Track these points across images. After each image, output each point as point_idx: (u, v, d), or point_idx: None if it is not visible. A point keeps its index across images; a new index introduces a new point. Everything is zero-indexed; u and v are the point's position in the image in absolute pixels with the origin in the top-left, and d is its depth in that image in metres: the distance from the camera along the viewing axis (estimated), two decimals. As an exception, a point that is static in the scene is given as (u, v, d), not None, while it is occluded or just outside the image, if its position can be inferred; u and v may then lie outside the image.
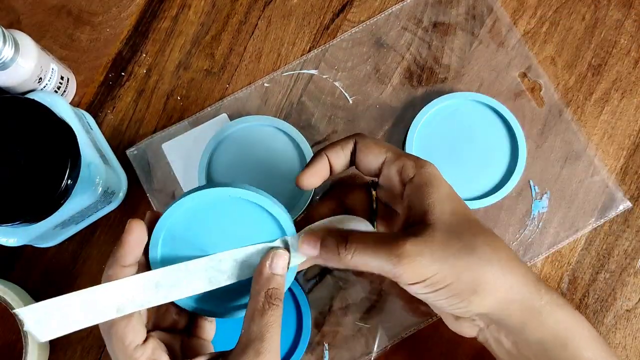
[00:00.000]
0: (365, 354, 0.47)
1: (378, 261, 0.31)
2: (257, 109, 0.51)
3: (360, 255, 0.31)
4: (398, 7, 0.53)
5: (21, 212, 0.37)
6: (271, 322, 0.31)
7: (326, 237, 0.33)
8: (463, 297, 0.32)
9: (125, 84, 0.51)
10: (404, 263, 0.30)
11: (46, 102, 0.41)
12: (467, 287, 0.31)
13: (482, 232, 0.33)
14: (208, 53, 0.52)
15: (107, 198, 0.45)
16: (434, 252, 0.31)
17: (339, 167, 0.37)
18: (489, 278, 0.32)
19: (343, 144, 0.37)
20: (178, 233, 0.33)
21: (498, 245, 0.33)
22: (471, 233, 0.32)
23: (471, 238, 0.32)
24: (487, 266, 0.31)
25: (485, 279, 0.31)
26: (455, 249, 0.31)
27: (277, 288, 0.32)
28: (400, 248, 0.30)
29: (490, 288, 0.32)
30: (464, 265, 0.31)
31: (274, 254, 0.33)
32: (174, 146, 0.50)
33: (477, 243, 0.32)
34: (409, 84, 0.52)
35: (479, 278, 0.31)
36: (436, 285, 0.31)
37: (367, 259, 0.31)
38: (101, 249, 0.49)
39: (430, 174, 0.34)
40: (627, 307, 0.49)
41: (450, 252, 0.31)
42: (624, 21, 0.53)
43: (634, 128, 0.51)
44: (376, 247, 0.31)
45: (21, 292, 0.46)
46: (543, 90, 0.52)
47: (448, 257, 0.31)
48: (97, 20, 0.52)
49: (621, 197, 0.50)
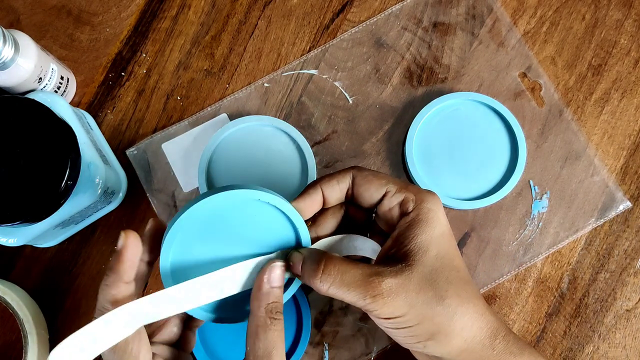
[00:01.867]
0: (365, 354, 0.47)
1: (352, 298, 0.32)
2: (257, 109, 0.51)
3: (336, 289, 0.32)
4: (398, 7, 0.53)
5: (21, 212, 0.37)
6: (275, 337, 0.31)
7: (306, 262, 0.33)
8: (420, 340, 0.33)
9: (125, 84, 0.51)
10: (379, 303, 0.31)
11: (46, 102, 0.41)
12: (426, 332, 0.33)
13: (457, 282, 0.34)
14: (208, 53, 0.52)
15: (107, 198, 0.45)
16: (407, 296, 0.32)
17: (333, 200, 0.36)
18: (448, 329, 0.33)
19: (339, 178, 0.36)
20: (190, 240, 0.33)
21: (468, 295, 0.34)
22: (447, 280, 0.33)
23: (444, 286, 0.33)
24: (449, 319, 0.33)
25: (443, 329, 0.33)
26: (427, 297, 0.32)
27: (277, 302, 0.32)
28: (376, 288, 0.31)
29: (447, 338, 0.33)
30: (429, 314, 0.32)
31: (270, 267, 0.33)
32: (174, 146, 0.50)
33: (449, 293, 0.33)
34: (409, 84, 0.52)
35: (439, 328, 0.33)
36: (400, 325, 0.33)
37: (343, 294, 0.32)
38: (101, 249, 0.49)
39: (429, 211, 0.34)
40: (627, 307, 0.49)
41: (420, 299, 0.32)
42: (624, 21, 0.53)
43: (634, 128, 0.51)
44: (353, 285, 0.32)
45: (21, 292, 0.47)
46: (543, 90, 0.52)
47: (417, 303, 0.32)
48: (97, 20, 0.52)
49: (621, 197, 0.50)
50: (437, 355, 0.34)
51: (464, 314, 0.33)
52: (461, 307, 0.33)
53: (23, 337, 0.44)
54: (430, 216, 0.34)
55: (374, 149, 0.51)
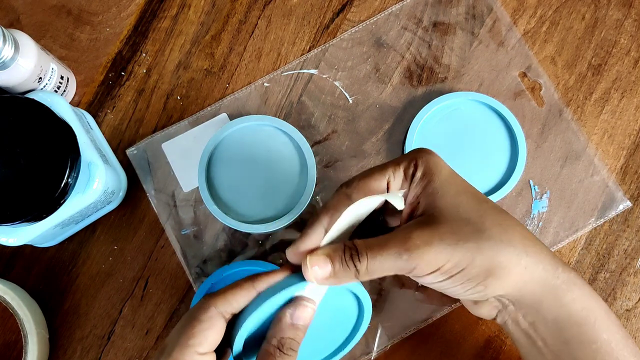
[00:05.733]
0: (365, 354, 0.47)
1: (391, 261, 0.30)
2: (257, 109, 0.51)
3: (374, 261, 0.30)
4: (398, 7, 0.53)
5: (21, 212, 0.37)
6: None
7: (334, 256, 0.31)
8: (478, 281, 0.31)
9: (125, 84, 0.51)
10: (415, 256, 0.30)
11: (46, 102, 0.41)
12: (482, 270, 0.31)
13: (491, 212, 0.32)
14: (208, 53, 0.52)
15: (107, 198, 0.45)
16: (443, 240, 0.30)
17: None
18: (502, 260, 0.31)
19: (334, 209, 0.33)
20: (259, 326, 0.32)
21: (509, 223, 0.32)
22: (479, 214, 0.31)
23: (480, 219, 0.31)
24: (499, 248, 0.30)
25: (498, 261, 0.31)
26: (464, 232, 0.30)
27: (294, 339, 0.31)
28: (408, 242, 0.30)
29: (505, 269, 0.31)
30: (475, 248, 0.30)
31: (298, 304, 0.31)
32: (174, 146, 0.50)
33: (487, 224, 0.31)
34: (409, 83, 0.52)
35: (492, 260, 0.30)
36: (450, 272, 0.30)
37: (381, 262, 0.30)
38: (101, 249, 0.49)
39: (428, 161, 0.33)
40: (627, 306, 0.49)
41: (459, 237, 0.30)
42: (624, 21, 0.53)
43: (634, 128, 0.51)
44: (386, 248, 0.30)
45: (21, 292, 0.46)
46: (543, 90, 0.52)
47: (458, 242, 0.30)
48: (97, 19, 0.52)
49: (621, 196, 0.50)
50: (501, 293, 0.32)
51: (511, 241, 0.31)
52: (506, 235, 0.31)
53: (23, 337, 0.44)
54: (431, 165, 0.33)
55: (374, 148, 0.51)
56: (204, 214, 0.49)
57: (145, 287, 0.48)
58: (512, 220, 0.32)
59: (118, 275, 0.48)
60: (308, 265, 0.31)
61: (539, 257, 0.32)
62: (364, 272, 0.31)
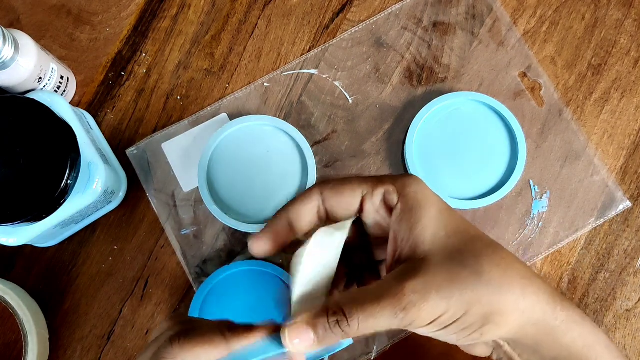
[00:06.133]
0: (365, 354, 0.47)
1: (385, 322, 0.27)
2: (257, 109, 0.51)
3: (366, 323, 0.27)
4: (398, 7, 0.53)
5: (21, 212, 0.37)
6: None
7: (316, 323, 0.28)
8: (474, 329, 0.29)
9: (125, 84, 0.51)
10: (414, 312, 0.27)
11: (46, 102, 0.41)
12: (478, 318, 0.28)
13: (486, 250, 0.29)
14: (208, 53, 0.52)
15: (107, 198, 0.45)
16: (439, 292, 0.27)
17: (304, 225, 0.31)
18: (501, 306, 0.29)
19: (303, 199, 0.31)
20: None
21: (507, 262, 0.30)
22: (474, 254, 0.29)
23: (475, 262, 0.29)
24: (498, 293, 0.28)
25: (497, 308, 0.28)
26: (461, 279, 0.28)
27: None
28: (403, 299, 0.27)
29: (503, 316, 0.29)
30: (473, 297, 0.28)
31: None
32: (173, 146, 0.50)
33: (484, 267, 0.28)
34: (409, 83, 0.52)
35: (490, 308, 0.28)
36: (447, 322, 0.28)
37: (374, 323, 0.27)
38: (101, 249, 0.49)
39: (416, 194, 0.30)
40: (627, 307, 0.49)
41: (456, 285, 0.28)
42: (624, 21, 0.53)
43: (634, 128, 0.51)
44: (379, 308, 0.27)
45: (21, 292, 0.46)
46: (543, 90, 0.52)
47: (454, 290, 0.28)
48: (97, 20, 0.52)
49: (621, 196, 0.50)
50: (497, 339, 0.31)
51: (510, 284, 0.29)
52: (506, 278, 0.29)
53: (23, 337, 0.44)
54: (419, 198, 0.30)
55: (374, 148, 0.51)
56: (204, 214, 0.49)
57: (145, 287, 0.48)
58: (509, 258, 0.30)
59: (118, 275, 0.48)
60: (287, 339, 0.28)
61: (537, 297, 0.30)
62: (354, 333, 0.28)
